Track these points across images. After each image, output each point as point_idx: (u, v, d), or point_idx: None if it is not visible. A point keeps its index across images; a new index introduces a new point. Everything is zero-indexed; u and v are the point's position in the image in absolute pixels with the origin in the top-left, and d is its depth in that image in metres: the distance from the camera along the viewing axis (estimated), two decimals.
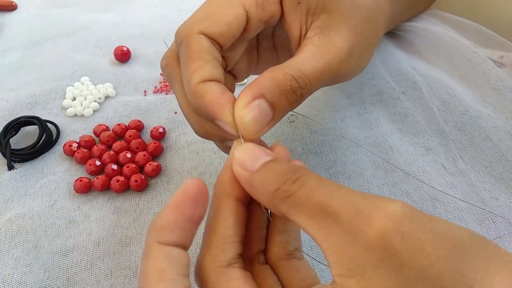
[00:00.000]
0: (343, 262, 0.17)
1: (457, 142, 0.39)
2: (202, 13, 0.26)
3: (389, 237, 0.16)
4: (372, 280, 0.16)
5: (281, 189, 0.20)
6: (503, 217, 0.34)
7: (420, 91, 0.44)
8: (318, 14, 0.27)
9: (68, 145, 0.40)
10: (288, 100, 0.24)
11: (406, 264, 0.15)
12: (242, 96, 0.23)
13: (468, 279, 0.15)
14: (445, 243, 0.16)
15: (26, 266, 0.32)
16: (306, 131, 0.41)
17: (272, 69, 0.24)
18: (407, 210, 0.17)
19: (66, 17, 0.61)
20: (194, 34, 0.25)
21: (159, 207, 0.36)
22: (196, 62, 0.24)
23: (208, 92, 0.24)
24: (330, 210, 0.18)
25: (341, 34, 0.26)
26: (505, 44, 0.47)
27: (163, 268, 0.19)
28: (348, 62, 0.27)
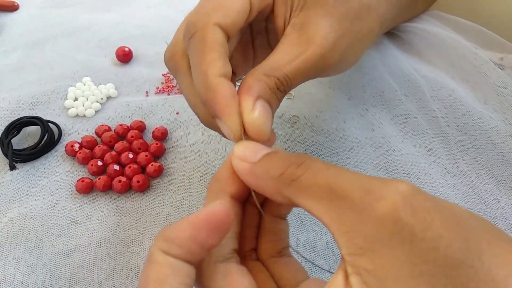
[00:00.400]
0: (354, 241, 0.17)
1: (458, 144, 0.40)
2: (213, 4, 0.26)
3: (400, 212, 0.16)
4: (385, 256, 0.16)
5: (286, 173, 0.20)
6: (502, 220, 0.34)
7: (421, 93, 0.44)
8: (299, 11, 0.27)
9: (70, 146, 0.40)
10: (277, 97, 0.25)
11: (418, 236, 0.16)
12: (245, 101, 0.24)
13: (474, 249, 0.16)
14: (451, 216, 0.16)
15: (27, 267, 0.32)
16: (307, 132, 0.41)
17: (254, 72, 0.25)
18: (415, 188, 0.17)
19: (67, 17, 0.61)
20: (210, 25, 0.25)
21: (161, 207, 0.36)
22: (211, 54, 0.24)
23: (221, 90, 0.23)
24: (338, 190, 0.18)
25: (322, 29, 0.26)
26: (506, 45, 0.47)
27: (164, 276, 0.19)
28: (330, 56, 0.27)
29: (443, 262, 0.15)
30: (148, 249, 0.33)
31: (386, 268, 0.16)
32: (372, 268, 0.16)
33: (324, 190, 0.18)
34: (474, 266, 0.15)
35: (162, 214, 0.35)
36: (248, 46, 0.32)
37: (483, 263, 0.15)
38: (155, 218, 0.35)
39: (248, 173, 0.22)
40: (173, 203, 0.36)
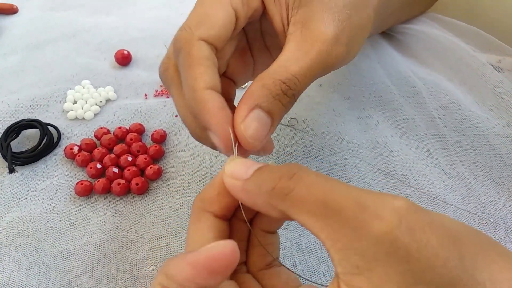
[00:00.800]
0: (351, 259, 0.17)
1: (456, 146, 0.40)
2: (197, 18, 0.26)
3: (397, 232, 0.16)
4: (381, 276, 0.16)
5: (278, 187, 0.20)
6: (499, 223, 0.34)
7: (420, 95, 0.44)
8: (297, 8, 0.27)
9: (69, 148, 0.40)
10: (282, 104, 0.25)
11: (414, 256, 0.16)
12: (239, 109, 0.24)
13: (470, 267, 0.16)
14: (447, 234, 0.16)
15: (27, 269, 0.32)
16: (306, 134, 0.41)
17: (261, 76, 0.25)
18: (410, 205, 0.17)
19: (66, 20, 0.61)
20: (195, 40, 0.25)
21: (160, 210, 0.36)
22: (198, 68, 0.24)
23: (209, 102, 0.24)
24: (333, 206, 0.18)
25: (324, 24, 0.26)
26: (503, 48, 0.48)
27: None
28: (336, 50, 0.27)
29: (439, 282, 0.15)
30: (148, 251, 0.33)
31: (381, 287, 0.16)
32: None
33: (318, 205, 0.18)
34: (469, 285, 0.15)
35: (161, 217, 0.35)
36: (246, 52, 0.32)
37: (478, 282, 0.15)
38: (154, 221, 0.35)
39: (240, 191, 0.22)
40: (172, 206, 0.36)
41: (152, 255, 0.33)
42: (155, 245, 0.34)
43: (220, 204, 0.23)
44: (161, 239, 0.34)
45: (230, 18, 0.26)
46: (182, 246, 0.33)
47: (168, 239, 0.34)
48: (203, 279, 0.18)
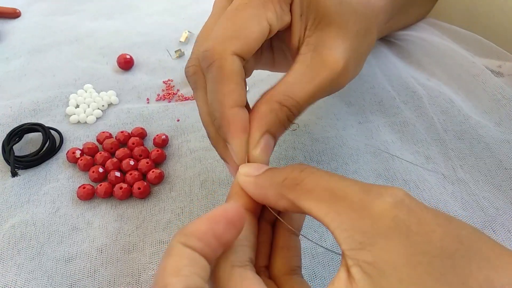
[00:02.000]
0: (354, 237, 0.18)
1: (456, 151, 0.40)
2: (232, 30, 0.26)
3: (396, 210, 0.18)
4: (383, 248, 0.17)
5: (289, 177, 0.22)
6: (499, 227, 0.34)
7: (420, 100, 0.44)
8: (313, 30, 0.28)
9: (71, 152, 0.40)
10: (285, 127, 0.27)
11: (413, 231, 0.17)
12: (253, 135, 0.26)
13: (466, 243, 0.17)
14: (443, 216, 0.18)
15: (29, 273, 0.32)
16: (307, 139, 0.41)
17: (268, 99, 0.26)
18: (408, 194, 0.19)
19: (69, 25, 0.62)
20: (228, 55, 0.25)
21: (162, 214, 0.36)
22: (229, 85, 0.25)
23: (235, 122, 0.25)
24: (339, 193, 0.20)
25: (336, 52, 0.27)
26: (503, 54, 0.48)
27: (181, 265, 0.19)
28: (343, 78, 0.28)
29: (437, 253, 0.17)
30: (150, 255, 0.33)
31: (385, 259, 0.17)
32: (372, 260, 0.17)
33: (325, 193, 0.20)
34: (466, 256, 0.17)
35: (163, 221, 0.36)
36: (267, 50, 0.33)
37: (475, 254, 0.17)
38: (155, 225, 0.35)
39: (252, 184, 0.24)
40: (174, 210, 0.36)
41: (154, 259, 0.33)
42: (157, 249, 0.34)
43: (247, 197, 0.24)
44: (163, 243, 0.34)
45: (263, 32, 0.26)
46: None
47: None
48: (221, 230, 0.20)
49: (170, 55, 0.55)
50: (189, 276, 0.19)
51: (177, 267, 0.19)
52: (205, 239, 0.20)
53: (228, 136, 0.26)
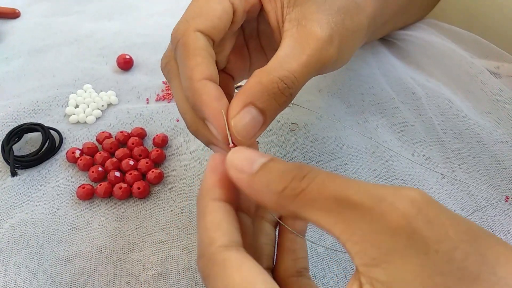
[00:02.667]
0: (367, 251, 0.17)
1: (455, 152, 0.40)
2: (194, 11, 0.27)
3: (414, 223, 0.16)
4: (399, 267, 0.16)
5: (289, 188, 0.19)
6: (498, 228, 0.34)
7: (419, 101, 0.45)
8: (292, 7, 0.28)
9: (71, 152, 0.40)
10: (278, 103, 0.25)
11: (432, 248, 0.16)
12: (233, 104, 0.24)
13: (491, 263, 0.15)
14: (466, 229, 0.16)
15: (28, 273, 0.32)
16: (306, 139, 0.42)
17: (258, 73, 0.25)
18: (426, 196, 0.17)
19: (69, 25, 0.62)
20: (191, 32, 0.26)
21: (162, 214, 0.36)
22: (194, 59, 0.25)
23: (206, 93, 0.24)
24: (347, 201, 0.17)
25: (318, 24, 0.27)
26: (501, 55, 0.48)
27: (219, 220, 0.21)
28: (329, 50, 0.27)
29: (458, 275, 0.15)
30: (150, 255, 0.33)
31: (399, 280, 0.16)
32: (385, 280, 0.16)
33: (331, 202, 0.18)
34: (490, 280, 0.15)
35: (163, 221, 0.36)
36: (243, 49, 0.33)
37: (499, 278, 0.15)
38: (155, 225, 0.35)
39: (247, 186, 0.21)
40: (173, 210, 0.36)
41: (154, 259, 0.33)
42: (157, 249, 0.34)
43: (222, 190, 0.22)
44: (163, 243, 0.34)
45: (226, 10, 0.27)
46: (183, 249, 0.34)
47: (169, 243, 0.34)
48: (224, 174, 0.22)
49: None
50: (229, 229, 0.21)
51: (215, 222, 0.21)
52: (223, 186, 0.22)
53: (202, 110, 0.24)
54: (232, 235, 0.21)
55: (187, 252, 0.33)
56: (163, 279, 0.32)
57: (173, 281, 0.32)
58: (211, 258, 0.20)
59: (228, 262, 0.19)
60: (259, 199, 0.21)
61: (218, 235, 0.20)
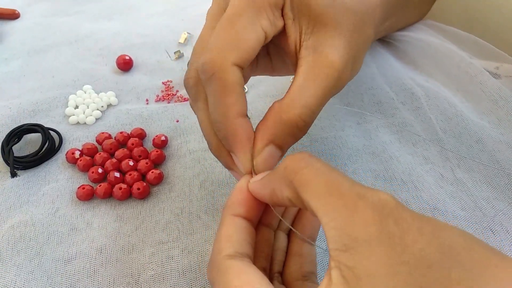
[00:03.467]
0: (341, 237, 0.18)
1: (455, 151, 0.40)
2: (228, 40, 0.26)
3: (385, 220, 0.18)
4: (366, 255, 0.18)
5: (289, 166, 0.22)
6: (497, 228, 0.34)
7: (418, 101, 0.45)
8: (309, 34, 0.28)
9: (70, 153, 0.41)
10: (295, 137, 0.27)
11: (396, 241, 0.17)
12: (257, 144, 0.27)
13: (448, 253, 0.17)
14: (427, 225, 0.18)
15: (28, 273, 0.32)
16: (306, 140, 0.42)
17: (278, 108, 0.26)
18: (396, 200, 0.19)
19: (68, 26, 0.62)
20: (228, 66, 0.25)
21: (161, 214, 0.36)
22: (231, 96, 0.25)
23: (240, 133, 0.26)
24: (335, 191, 0.20)
25: (335, 51, 0.27)
26: (500, 56, 0.48)
27: (231, 232, 0.24)
28: (346, 74, 0.27)
29: (417, 263, 0.17)
30: (150, 256, 0.33)
31: (364, 265, 0.17)
32: (352, 265, 0.18)
33: (322, 187, 0.20)
34: (445, 267, 0.16)
35: (162, 221, 0.36)
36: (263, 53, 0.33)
37: (456, 264, 0.17)
38: (155, 225, 0.35)
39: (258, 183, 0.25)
40: (173, 210, 0.36)
41: (154, 259, 0.33)
42: (156, 249, 0.34)
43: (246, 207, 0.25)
44: (163, 243, 0.34)
45: (260, 40, 0.27)
46: (183, 250, 0.34)
47: (169, 244, 0.34)
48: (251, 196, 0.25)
49: (169, 56, 0.55)
50: (238, 241, 0.23)
51: (228, 234, 0.23)
52: (246, 203, 0.24)
53: (233, 147, 0.27)
54: (239, 246, 0.23)
55: (187, 253, 0.33)
56: (163, 279, 0.32)
57: (173, 282, 0.32)
58: (217, 266, 0.23)
59: (230, 269, 0.22)
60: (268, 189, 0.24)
61: (227, 246, 0.23)
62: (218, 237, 0.24)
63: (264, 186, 0.24)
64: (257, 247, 0.26)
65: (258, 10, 0.26)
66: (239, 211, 0.25)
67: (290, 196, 0.22)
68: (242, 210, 0.25)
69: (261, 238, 0.26)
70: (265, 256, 0.26)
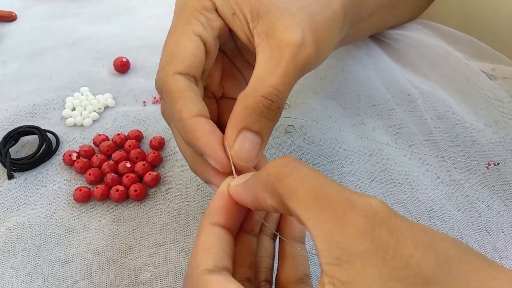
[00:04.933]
0: (332, 251, 0.18)
1: (451, 153, 0.40)
2: (167, 56, 0.27)
3: (377, 230, 0.17)
4: (359, 269, 0.17)
5: (272, 173, 0.21)
6: (493, 228, 0.34)
7: (415, 103, 0.45)
8: (256, 21, 0.27)
9: (67, 155, 0.40)
10: (269, 119, 0.26)
11: (390, 254, 0.17)
12: (228, 134, 0.25)
13: (445, 267, 0.16)
14: (423, 236, 0.17)
15: (25, 276, 0.32)
16: (303, 141, 0.42)
17: (242, 96, 0.26)
18: (388, 207, 0.18)
19: (66, 28, 0.62)
20: (169, 77, 0.26)
21: (158, 216, 0.36)
22: (179, 101, 0.26)
23: (199, 128, 0.25)
24: (324, 200, 0.19)
25: (286, 29, 0.27)
26: (497, 56, 0.48)
27: (210, 243, 0.22)
28: (305, 51, 0.27)
29: (413, 279, 0.16)
30: (147, 258, 0.33)
31: (358, 281, 0.17)
32: (346, 280, 0.17)
33: (310, 195, 0.19)
34: (443, 282, 0.16)
35: (160, 223, 0.36)
36: (232, 70, 0.33)
37: (454, 278, 0.16)
38: (152, 227, 0.36)
39: (241, 188, 0.23)
40: (170, 212, 0.37)
41: (151, 261, 0.33)
42: (154, 251, 0.34)
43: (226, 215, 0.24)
44: (160, 245, 0.34)
45: (197, 45, 0.27)
46: (180, 252, 0.34)
47: (166, 245, 0.34)
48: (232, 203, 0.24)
49: None
50: (217, 253, 0.22)
51: (207, 246, 0.22)
52: (225, 211, 0.23)
53: (198, 145, 0.25)
54: (219, 259, 0.22)
55: (184, 255, 0.33)
56: (160, 281, 0.32)
57: (170, 284, 0.32)
58: (194, 281, 0.21)
59: (209, 285, 0.21)
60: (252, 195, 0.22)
61: (205, 258, 0.22)
62: (195, 248, 0.23)
63: (247, 190, 0.23)
64: (239, 256, 0.25)
65: (187, 20, 0.28)
66: (219, 219, 0.23)
67: (274, 204, 0.21)
68: (221, 219, 0.24)
69: (243, 247, 0.25)
70: (248, 265, 0.25)
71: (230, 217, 0.24)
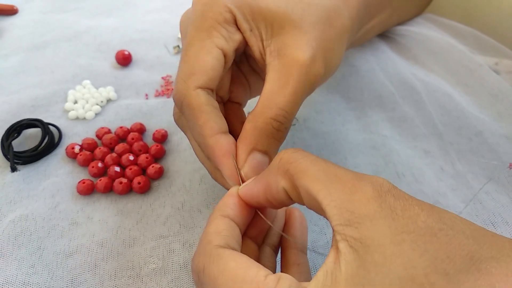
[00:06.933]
0: (343, 214, 0.19)
1: (455, 145, 0.40)
2: (188, 69, 0.27)
3: (384, 196, 0.19)
4: (369, 227, 0.18)
5: (284, 158, 0.22)
6: (498, 220, 0.34)
7: (418, 96, 0.45)
8: (270, 39, 0.28)
9: (70, 148, 0.40)
10: (277, 139, 0.27)
11: (399, 214, 0.18)
12: (239, 154, 0.27)
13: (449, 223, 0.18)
14: (425, 203, 0.19)
15: (29, 267, 0.32)
16: (306, 134, 0.42)
17: (252, 117, 0.27)
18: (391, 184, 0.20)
19: (67, 22, 0.61)
20: (191, 91, 0.27)
21: (162, 209, 0.36)
22: (202, 117, 0.27)
23: (218, 148, 0.27)
24: (333, 176, 0.20)
25: (298, 47, 0.27)
26: (500, 50, 0.48)
27: (221, 229, 0.23)
28: (315, 70, 0.27)
29: (421, 232, 0.18)
30: (151, 250, 0.33)
31: (370, 236, 0.18)
32: (358, 237, 0.18)
33: (321, 172, 0.21)
34: (450, 234, 0.18)
35: (163, 215, 0.36)
36: (239, 76, 0.33)
37: (458, 231, 0.18)
38: (156, 219, 0.35)
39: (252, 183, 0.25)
40: (174, 204, 0.36)
41: (155, 253, 0.33)
42: (157, 243, 0.34)
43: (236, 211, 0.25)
44: (163, 237, 0.34)
45: (218, 58, 0.27)
46: (184, 244, 0.34)
47: (170, 238, 0.34)
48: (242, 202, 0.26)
49: (169, 51, 0.55)
50: (228, 236, 0.23)
51: (218, 229, 0.23)
52: (235, 208, 0.24)
53: (216, 164, 0.27)
54: (230, 241, 0.23)
55: (188, 246, 0.33)
56: (164, 273, 0.32)
57: (174, 275, 0.32)
58: (207, 254, 0.22)
59: (223, 255, 0.22)
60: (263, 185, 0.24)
61: (217, 238, 0.23)
62: (206, 232, 0.24)
63: (258, 182, 0.24)
64: None
65: (208, 32, 0.27)
66: (229, 213, 0.25)
67: (286, 186, 0.22)
68: (231, 213, 0.25)
69: (247, 250, 0.26)
70: None
71: (239, 214, 0.25)
